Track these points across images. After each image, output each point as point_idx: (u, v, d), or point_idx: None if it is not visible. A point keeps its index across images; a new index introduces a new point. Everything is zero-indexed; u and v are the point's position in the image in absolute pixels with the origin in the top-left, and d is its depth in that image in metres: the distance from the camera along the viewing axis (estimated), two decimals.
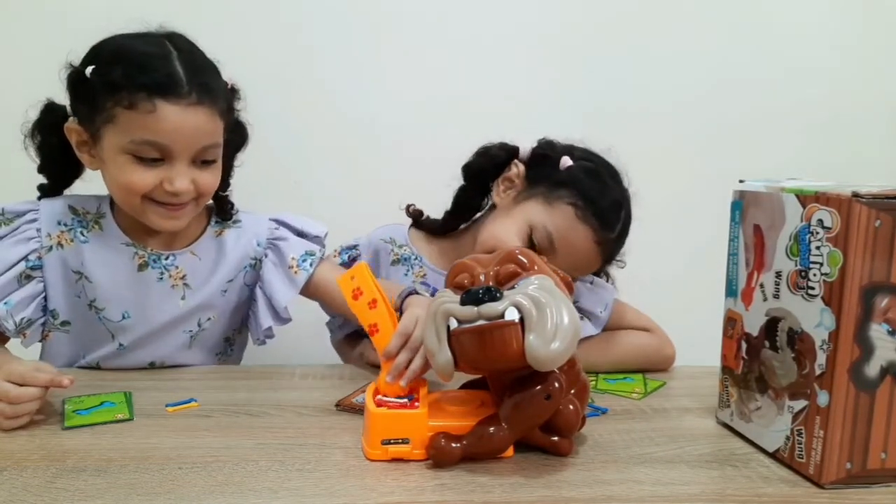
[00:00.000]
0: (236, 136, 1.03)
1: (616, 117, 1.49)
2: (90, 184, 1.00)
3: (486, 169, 1.07)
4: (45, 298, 0.97)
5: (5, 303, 0.93)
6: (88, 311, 0.97)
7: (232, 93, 0.98)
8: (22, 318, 0.94)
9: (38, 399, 0.77)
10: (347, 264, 1.11)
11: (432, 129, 1.41)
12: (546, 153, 1.04)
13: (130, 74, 0.86)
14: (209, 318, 1.03)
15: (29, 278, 0.95)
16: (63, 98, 0.94)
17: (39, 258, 0.95)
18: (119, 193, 0.93)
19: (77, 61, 0.90)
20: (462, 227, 1.11)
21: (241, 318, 1.08)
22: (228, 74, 1.06)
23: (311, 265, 1.03)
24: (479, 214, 1.10)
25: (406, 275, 1.10)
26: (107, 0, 1.26)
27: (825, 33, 1.52)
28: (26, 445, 0.71)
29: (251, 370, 1.00)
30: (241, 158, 1.14)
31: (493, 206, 1.07)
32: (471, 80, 1.44)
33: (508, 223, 1.00)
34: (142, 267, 0.98)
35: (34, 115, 0.96)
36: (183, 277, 1.00)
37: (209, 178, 0.94)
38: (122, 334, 0.98)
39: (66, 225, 0.97)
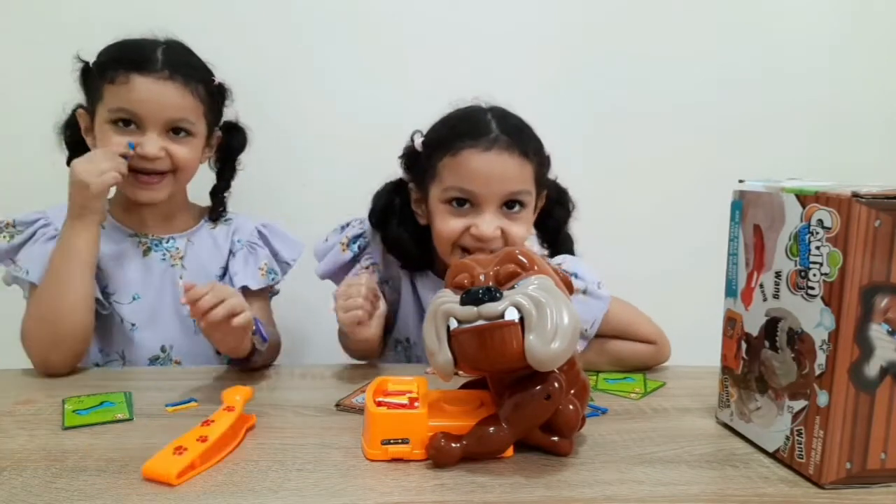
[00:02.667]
0: (234, 138, 1.13)
1: (616, 119, 1.49)
2: None
3: (390, 206, 1.07)
4: None
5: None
6: (102, 300, 1.03)
7: (220, 90, 1.08)
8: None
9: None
10: (357, 255, 1.09)
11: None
12: (408, 153, 1.05)
13: (115, 56, 1.00)
14: None
15: None
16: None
17: None
18: None
19: (85, 56, 1.03)
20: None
21: None
22: (233, 76, 1.07)
23: (272, 280, 1.11)
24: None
25: None
26: (115, 6, 1.28)
27: (825, 34, 1.52)
28: (26, 445, 0.71)
29: (251, 370, 1.00)
30: (245, 162, 1.15)
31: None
32: (472, 80, 1.43)
33: (436, 218, 0.99)
34: (146, 252, 1.08)
35: (65, 115, 1.08)
36: (182, 258, 1.09)
37: (184, 151, 1.02)
38: (132, 316, 1.05)
39: None
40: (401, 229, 1.04)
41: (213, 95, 1.07)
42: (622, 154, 1.50)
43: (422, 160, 1.00)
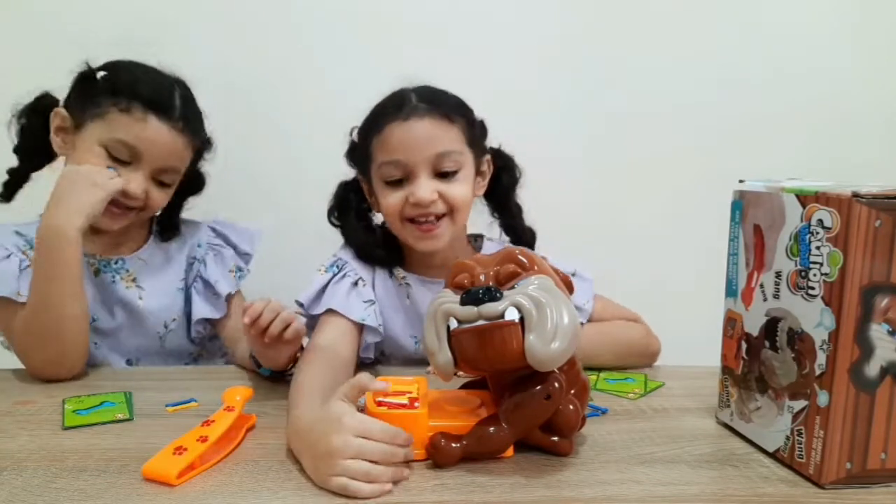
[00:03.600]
0: (195, 183, 1.11)
1: (617, 119, 1.48)
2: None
3: (345, 202, 1.06)
4: None
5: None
6: None
7: (208, 143, 1.09)
8: None
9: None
10: (336, 274, 1.03)
11: None
12: (349, 147, 1.03)
13: (136, 87, 0.97)
14: (174, 319, 1.08)
15: None
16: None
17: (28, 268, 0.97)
18: None
19: (93, 64, 1.00)
20: None
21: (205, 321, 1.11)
22: (233, 76, 1.07)
23: (240, 277, 1.11)
24: None
25: None
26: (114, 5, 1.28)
27: (824, 34, 1.52)
28: (26, 445, 0.71)
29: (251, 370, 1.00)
30: (245, 162, 1.14)
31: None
32: (472, 81, 1.44)
33: (380, 199, 0.98)
34: (97, 273, 1.04)
35: (28, 100, 1.02)
36: (134, 280, 1.06)
37: (160, 197, 1.02)
38: (93, 335, 1.01)
39: (22, 245, 1.01)
40: (359, 224, 1.05)
41: (201, 147, 1.07)
42: (622, 154, 1.50)
43: (359, 149, 1.01)
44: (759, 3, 1.50)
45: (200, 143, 1.06)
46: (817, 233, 0.63)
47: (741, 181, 0.75)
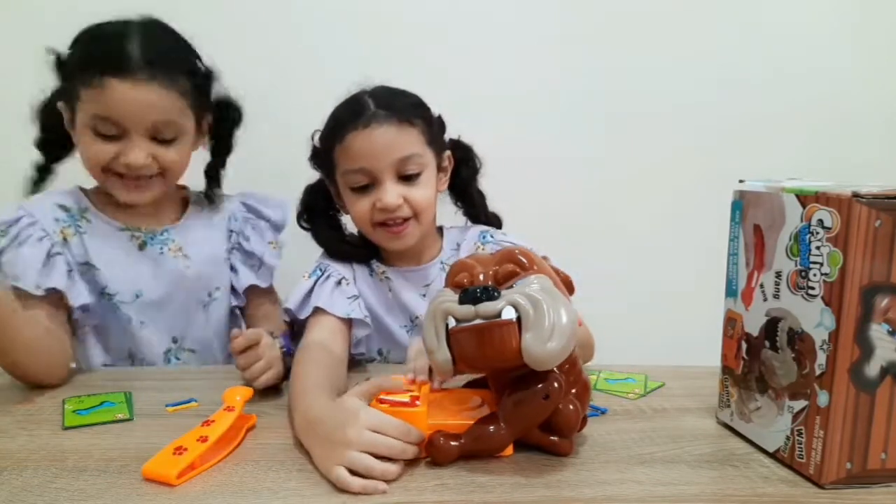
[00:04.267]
0: (228, 114, 1.07)
1: (617, 119, 1.49)
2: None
3: (313, 204, 1.07)
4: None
5: (87, 292, 0.97)
6: (102, 299, 1.01)
7: (206, 75, 1.02)
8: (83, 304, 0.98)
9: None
10: (319, 277, 1.04)
11: None
12: (312, 152, 1.04)
13: (87, 54, 0.93)
14: (217, 288, 1.08)
15: (69, 272, 0.97)
16: None
17: (62, 251, 0.97)
18: (86, 167, 0.98)
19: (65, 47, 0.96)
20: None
21: (241, 298, 1.12)
22: (231, 76, 1.06)
23: (278, 256, 1.11)
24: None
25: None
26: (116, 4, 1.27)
27: (824, 34, 1.52)
28: (26, 445, 0.71)
29: None
30: (244, 163, 1.14)
31: None
32: (472, 81, 1.44)
33: (348, 205, 1.01)
34: (142, 246, 1.03)
35: (45, 96, 1.01)
36: (180, 249, 1.05)
37: (172, 155, 0.97)
38: (139, 313, 1.02)
39: (63, 221, 1.00)
40: (328, 225, 1.07)
41: (200, 83, 1.00)
42: (622, 154, 1.50)
43: (322, 155, 1.03)
44: (758, 3, 1.50)
45: (191, 81, 0.97)
46: (817, 233, 0.63)
47: (741, 181, 0.75)
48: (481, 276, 0.67)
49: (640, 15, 1.47)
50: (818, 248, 0.63)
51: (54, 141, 1.01)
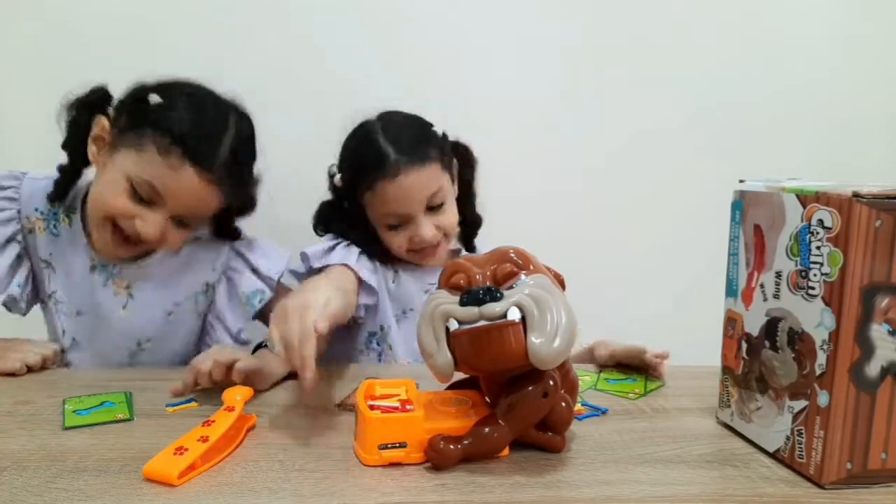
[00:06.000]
0: (245, 205, 1.04)
1: (621, 126, 1.49)
2: None
3: (330, 218, 1.12)
4: (32, 276, 1.01)
5: (17, 284, 0.98)
6: (49, 302, 1.01)
7: (245, 202, 1.03)
8: (27, 296, 1.00)
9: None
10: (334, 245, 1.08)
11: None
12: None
13: (181, 131, 0.90)
14: (149, 340, 1.04)
15: (19, 261, 0.99)
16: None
17: (23, 238, 0.99)
18: (95, 201, 0.95)
19: (151, 80, 0.94)
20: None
21: (189, 354, 1.03)
22: (230, 77, 1.06)
23: (259, 302, 1.05)
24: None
25: None
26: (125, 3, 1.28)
27: (826, 35, 1.52)
28: (26, 445, 0.71)
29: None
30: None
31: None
32: (472, 82, 1.44)
33: (382, 234, 1.07)
34: (92, 269, 1.01)
35: (81, 91, 0.97)
36: (127, 287, 1.02)
37: (177, 236, 0.98)
38: (75, 331, 1.01)
39: (41, 213, 1.00)
40: (348, 226, 1.10)
41: (245, 186, 1.00)
42: (623, 157, 1.50)
43: (347, 194, 1.10)
44: (760, 13, 1.50)
45: (239, 184, 0.97)
46: (817, 233, 0.63)
47: (741, 181, 0.75)
48: (478, 277, 0.67)
49: (644, 24, 1.47)
50: (818, 248, 0.63)
51: (82, 143, 0.96)
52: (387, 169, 1.02)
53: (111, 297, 1.01)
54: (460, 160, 1.13)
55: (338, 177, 1.09)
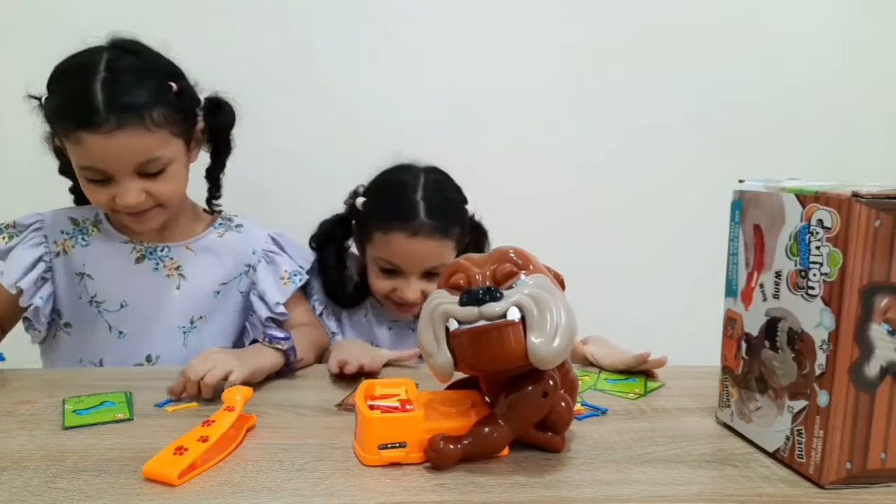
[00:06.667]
0: (220, 116, 1.05)
1: (618, 121, 1.49)
2: None
3: (331, 234, 1.17)
4: (54, 299, 1.04)
5: (40, 297, 1.01)
6: (89, 308, 1.03)
7: (181, 92, 0.97)
8: (46, 316, 1.02)
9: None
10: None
11: (434, 133, 1.40)
12: (351, 207, 1.13)
13: (57, 108, 0.92)
14: (201, 317, 1.07)
15: (44, 280, 1.02)
16: None
17: (50, 261, 1.03)
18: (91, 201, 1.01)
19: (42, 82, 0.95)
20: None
21: (235, 331, 1.11)
22: (231, 77, 1.06)
23: (299, 280, 1.12)
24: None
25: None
26: (116, 4, 1.28)
27: (826, 36, 1.52)
28: (26, 445, 0.71)
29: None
30: (243, 164, 1.13)
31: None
32: (473, 83, 1.45)
33: (370, 272, 1.12)
34: (139, 259, 1.05)
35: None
36: (178, 268, 1.06)
37: (163, 187, 0.97)
38: (120, 323, 1.03)
39: (67, 234, 1.04)
40: (335, 259, 1.15)
41: (177, 105, 0.95)
42: (623, 157, 1.50)
43: (360, 218, 1.12)
44: (759, 13, 1.50)
45: (167, 107, 0.92)
46: (817, 233, 0.63)
47: (741, 181, 0.75)
48: (478, 277, 0.67)
49: (644, 24, 1.47)
50: (818, 248, 0.63)
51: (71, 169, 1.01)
52: (410, 223, 1.05)
53: (164, 280, 1.05)
54: (473, 242, 1.16)
55: (361, 200, 1.12)
